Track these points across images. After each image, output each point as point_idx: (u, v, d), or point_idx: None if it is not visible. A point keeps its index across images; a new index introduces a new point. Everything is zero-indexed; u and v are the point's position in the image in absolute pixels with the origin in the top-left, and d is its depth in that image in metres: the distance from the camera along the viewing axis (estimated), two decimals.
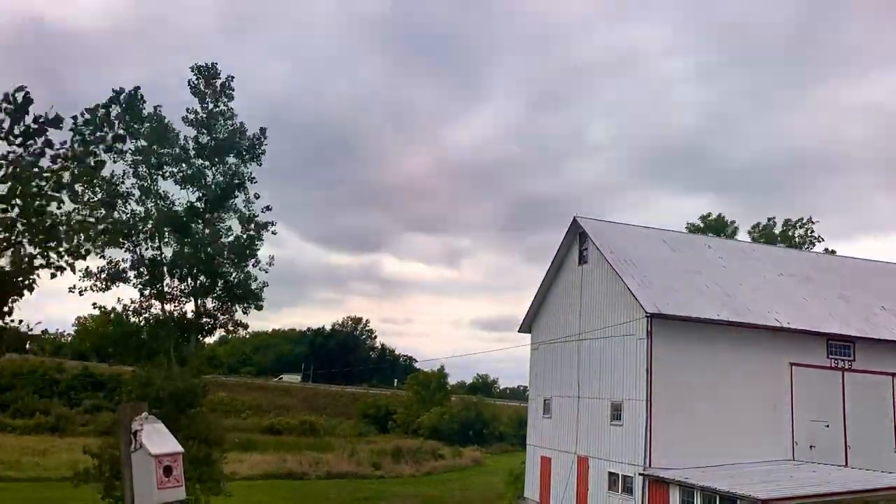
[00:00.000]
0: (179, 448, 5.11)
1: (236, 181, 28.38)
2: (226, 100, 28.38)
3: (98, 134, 6.98)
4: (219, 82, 28.24)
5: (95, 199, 23.94)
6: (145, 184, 27.31)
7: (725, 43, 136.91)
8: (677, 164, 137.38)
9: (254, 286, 28.80)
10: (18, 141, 6.43)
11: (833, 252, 52.90)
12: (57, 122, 6.56)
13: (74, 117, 6.87)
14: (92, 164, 6.93)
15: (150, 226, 27.19)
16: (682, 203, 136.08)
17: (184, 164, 27.87)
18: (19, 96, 6.55)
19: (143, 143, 26.84)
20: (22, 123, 6.44)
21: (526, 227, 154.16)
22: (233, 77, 28.44)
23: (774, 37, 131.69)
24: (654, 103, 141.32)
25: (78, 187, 7.00)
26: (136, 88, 26.61)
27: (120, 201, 26.50)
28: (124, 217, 26.72)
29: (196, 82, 28.10)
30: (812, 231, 57.84)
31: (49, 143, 6.52)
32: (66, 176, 6.67)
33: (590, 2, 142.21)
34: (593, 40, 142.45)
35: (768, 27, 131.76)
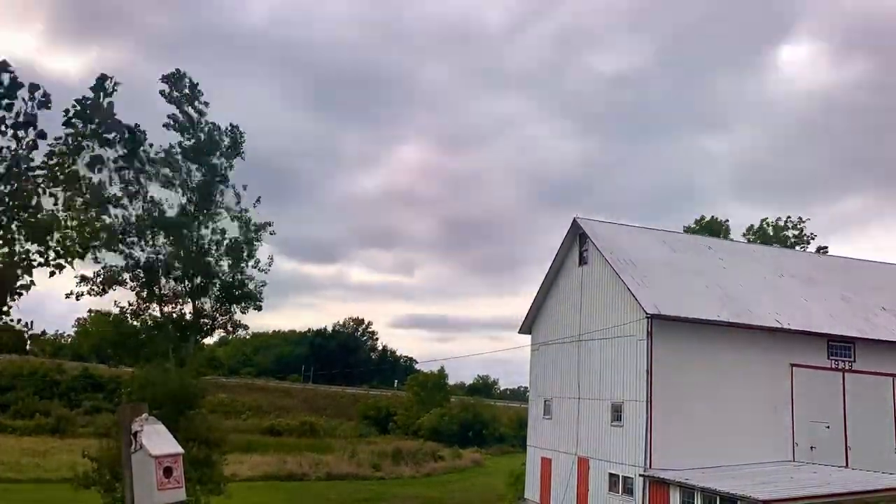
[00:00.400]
0: (179, 449, 5.09)
1: (217, 177, 28.59)
2: (196, 101, 28.75)
3: (90, 126, 6.81)
4: (186, 86, 28.62)
5: (84, 200, 23.89)
6: (131, 188, 27.45)
7: (575, 110, 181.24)
8: (566, 197, 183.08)
9: (252, 286, 28.83)
10: (10, 133, 6.25)
11: (826, 249, 53.12)
12: (46, 101, 6.33)
13: (66, 111, 6.67)
14: (87, 158, 6.79)
15: (138, 229, 27.28)
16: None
17: (168, 168, 28.08)
18: (5, 78, 6.22)
19: (122, 149, 26.90)
20: (11, 111, 6.19)
21: (459, 243, 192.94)
22: (191, 79, 28.89)
23: (613, 106, 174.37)
24: (533, 153, 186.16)
25: (69, 193, 6.90)
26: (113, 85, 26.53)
27: (110, 206, 26.54)
28: (115, 221, 26.78)
29: (168, 91, 28.52)
30: (804, 230, 57.96)
31: (42, 135, 6.33)
32: (60, 175, 6.57)
33: (468, 78, 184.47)
34: (479, 107, 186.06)
35: (610, 99, 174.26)
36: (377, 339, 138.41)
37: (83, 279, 26.31)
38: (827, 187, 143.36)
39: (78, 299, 26.46)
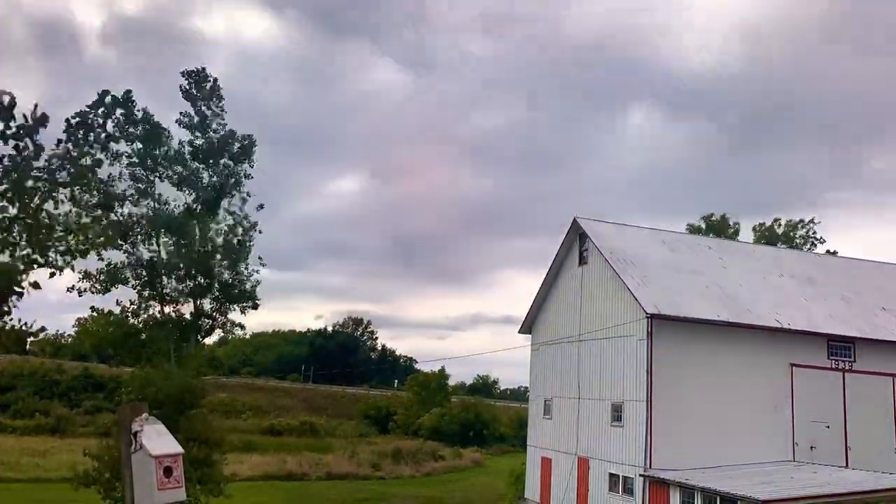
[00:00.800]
0: (179, 449, 5.09)
1: (231, 181, 28.48)
2: (216, 101, 28.55)
3: (91, 135, 6.92)
4: (208, 85, 28.42)
5: (92, 201, 23.91)
6: (141, 186, 27.37)
7: (478, 153, 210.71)
8: (485, 220, 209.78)
9: (248, 286, 28.85)
10: (11, 143, 6.41)
11: (835, 253, 52.99)
12: (42, 120, 6.53)
13: (67, 119, 6.81)
14: (88, 162, 6.87)
15: (145, 227, 27.23)
16: (499, 245, 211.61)
17: (178, 167, 27.95)
18: (5, 99, 6.52)
19: (138, 145, 26.92)
20: (10, 125, 6.41)
21: (395, 258, 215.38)
22: (216, 79, 28.72)
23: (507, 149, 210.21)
24: (454, 186, 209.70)
25: (76, 190, 6.96)
26: (128, 92, 26.63)
27: (116, 203, 26.53)
28: (121, 219, 26.75)
29: (187, 87, 28.28)
30: (814, 232, 57.97)
31: (41, 148, 6.51)
32: (63, 175, 6.63)
33: (385, 131, 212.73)
34: (399, 151, 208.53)
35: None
36: (377, 338, 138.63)
37: (86, 275, 26.30)
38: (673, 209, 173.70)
39: (80, 295, 26.47)
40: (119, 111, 26.08)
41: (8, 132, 6.40)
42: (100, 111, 7.10)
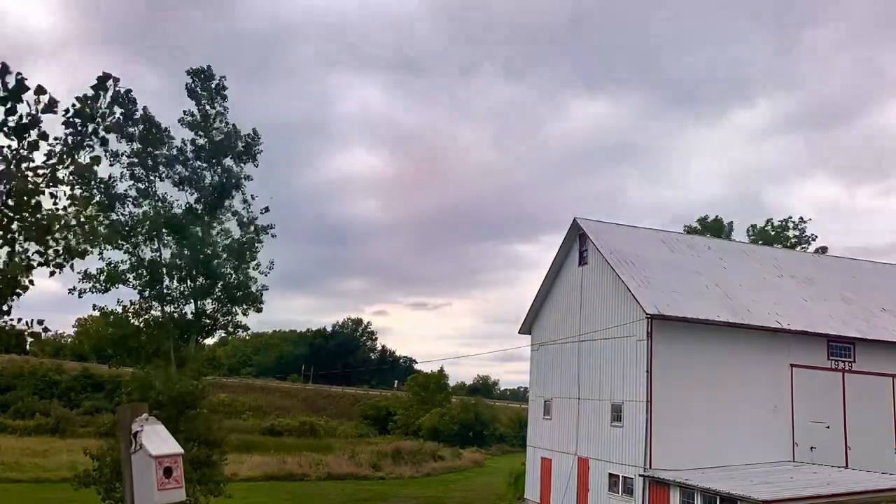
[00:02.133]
0: (179, 449, 5.09)
1: (232, 181, 28.37)
2: (220, 100, 28.45)
3: (90, 126, 6.78)
4: (213, 84, 28.31)
5: (94, 200, 23.91)
6: (142, 185, 27.29)
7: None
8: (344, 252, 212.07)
9: (254, 288, 28.76)
10: (13, 134, 6.23)
11: (825, 250, 53.22)
12: (52, 105, 6.31)
13: (66, 110, 6.65)
14: (88, 159, 6.76)
15: (147, 227, 27.15)
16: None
17: (181, 167, 27.87)
18: (10, 80, 6.20)
19: (138, 145, 26.85)
20: (16, 113, 6.18)
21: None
22: (225, 76, 28.60)
23: None
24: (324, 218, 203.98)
25: (77, 190, 6.89)
26: (128, 91, 26.35)
27: (117, 203, 26.48)
28: (122, 219, 26.69)
29: (193, 85, 28.15)
30: (805, 231, 58.20)
31: (44, 136, 6.31)
32: (62, 173, 6.54)
33: None
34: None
35: None
36: (376, 338, 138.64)
37: (86, 276, 26.25)
38: None
39: (81, 296, 26.41)
40: (119, 110, 26.03)
41: (10, 123, 6.22)
42: (98, 102, 6.96)
